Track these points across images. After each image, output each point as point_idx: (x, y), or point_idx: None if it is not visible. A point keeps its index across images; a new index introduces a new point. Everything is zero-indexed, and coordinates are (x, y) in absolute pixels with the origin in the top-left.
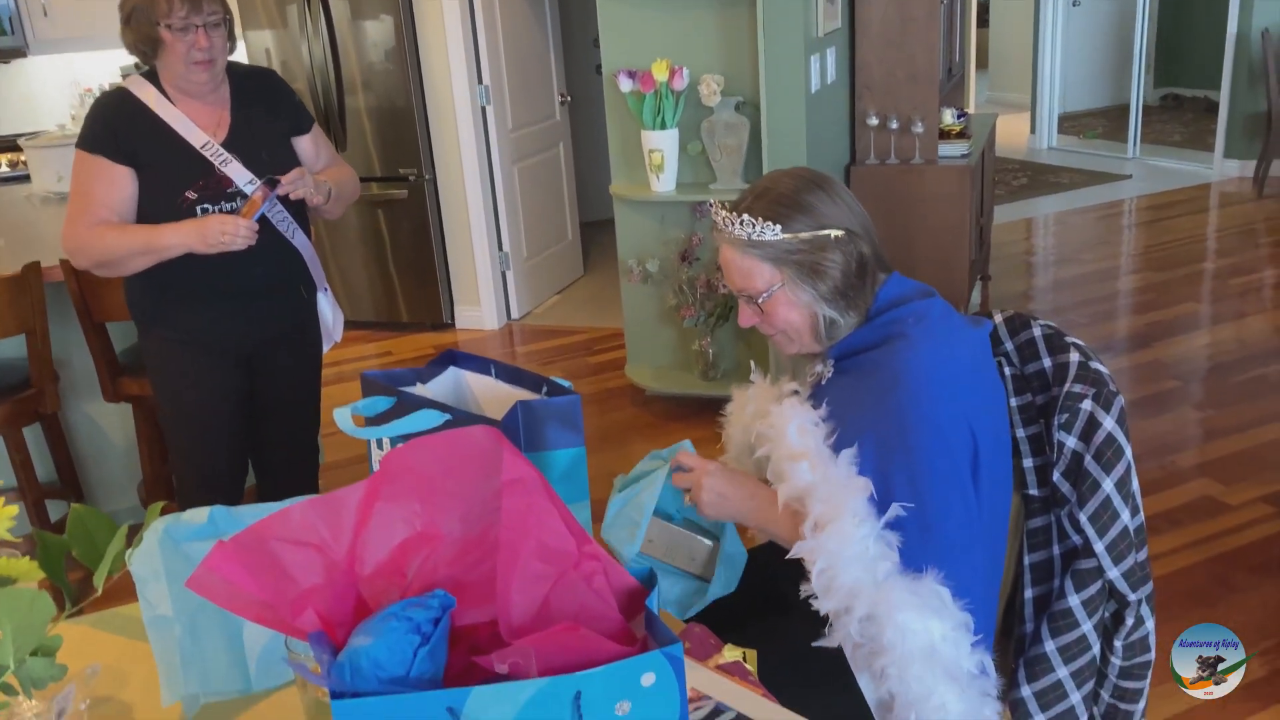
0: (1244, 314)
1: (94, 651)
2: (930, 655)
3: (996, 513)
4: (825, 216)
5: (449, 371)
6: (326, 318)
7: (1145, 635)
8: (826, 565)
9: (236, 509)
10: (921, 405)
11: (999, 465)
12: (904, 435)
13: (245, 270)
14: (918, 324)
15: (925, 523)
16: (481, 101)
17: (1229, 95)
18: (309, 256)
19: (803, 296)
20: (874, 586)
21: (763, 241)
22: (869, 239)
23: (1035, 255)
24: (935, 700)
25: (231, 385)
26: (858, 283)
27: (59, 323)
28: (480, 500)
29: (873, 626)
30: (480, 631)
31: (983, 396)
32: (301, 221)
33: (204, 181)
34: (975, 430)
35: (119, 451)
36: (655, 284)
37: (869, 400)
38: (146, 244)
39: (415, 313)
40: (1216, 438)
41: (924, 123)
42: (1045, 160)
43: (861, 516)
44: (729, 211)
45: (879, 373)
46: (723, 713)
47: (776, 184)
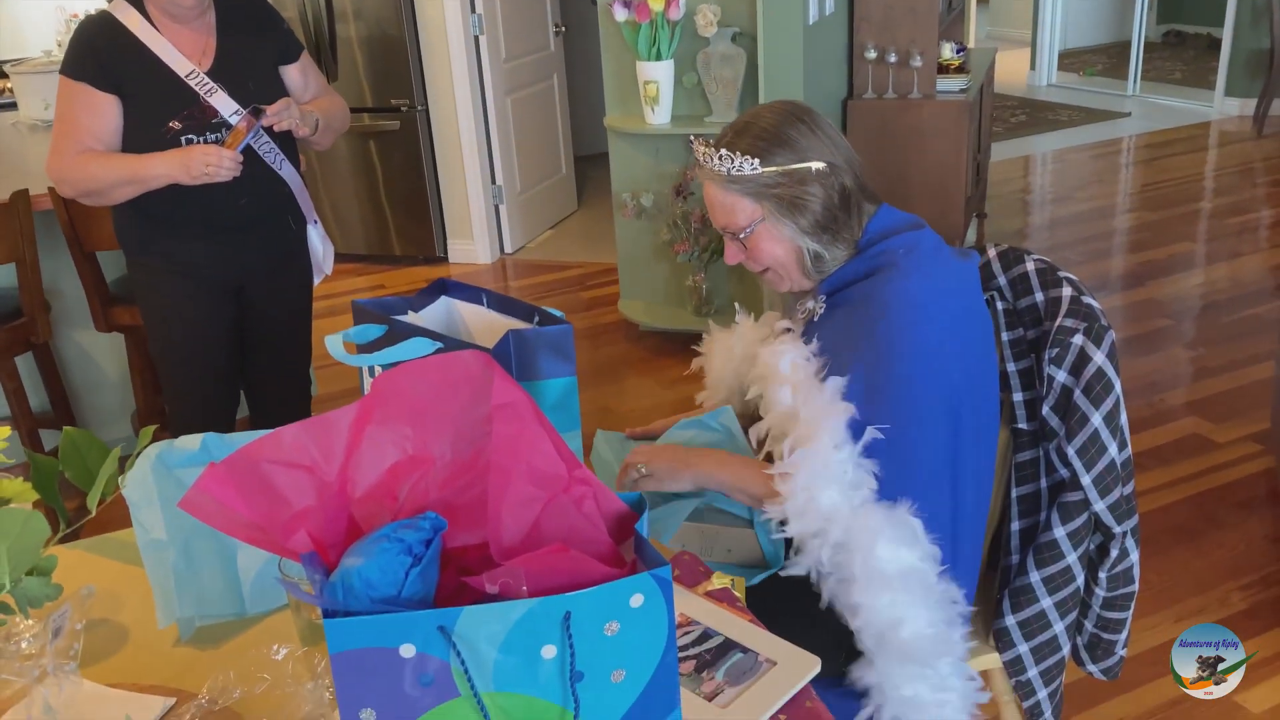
0: (1239, 253)
1: (89, 575)
2: (900, 583)
3: (982, 445)
4: (805, 150)
5: (440, 301)
6: (316, 250)
7: (1129, 567)
8: (804, 484)
9: (229, 435)
10: (907, 333)
11: (985, 398)
12: (889, 363)
13: (230, 201)
14: (908, 255)
15: (902, 451)
16: (475, 31)
17: (1232, 32)
18: (297, 188)
19: (784, 231)
20: (850, 513)
21: (742, 176)
22: (852, 171)
23: (1032, 193)
24: (906, 630)
25: (220, 315)
26: (842, 215)
27: (49, 252)
28: (470, 424)
29: (843, 554)
30: (470, 554)
31: (970, 328)
32: (289, 152)
33: (188, 111)
34: (961, 361)
35: (111, 382)
36: (649, 219)
37: (859, 330)
38: (131, 174)
39: (407, 246)
40: (1206, 376)
41: (923, 56)
42: (1044, 97)
43: (839, 440)
44: (708, 147)
45: (868, 303)
46: (711, 638)
47: (757, 118)
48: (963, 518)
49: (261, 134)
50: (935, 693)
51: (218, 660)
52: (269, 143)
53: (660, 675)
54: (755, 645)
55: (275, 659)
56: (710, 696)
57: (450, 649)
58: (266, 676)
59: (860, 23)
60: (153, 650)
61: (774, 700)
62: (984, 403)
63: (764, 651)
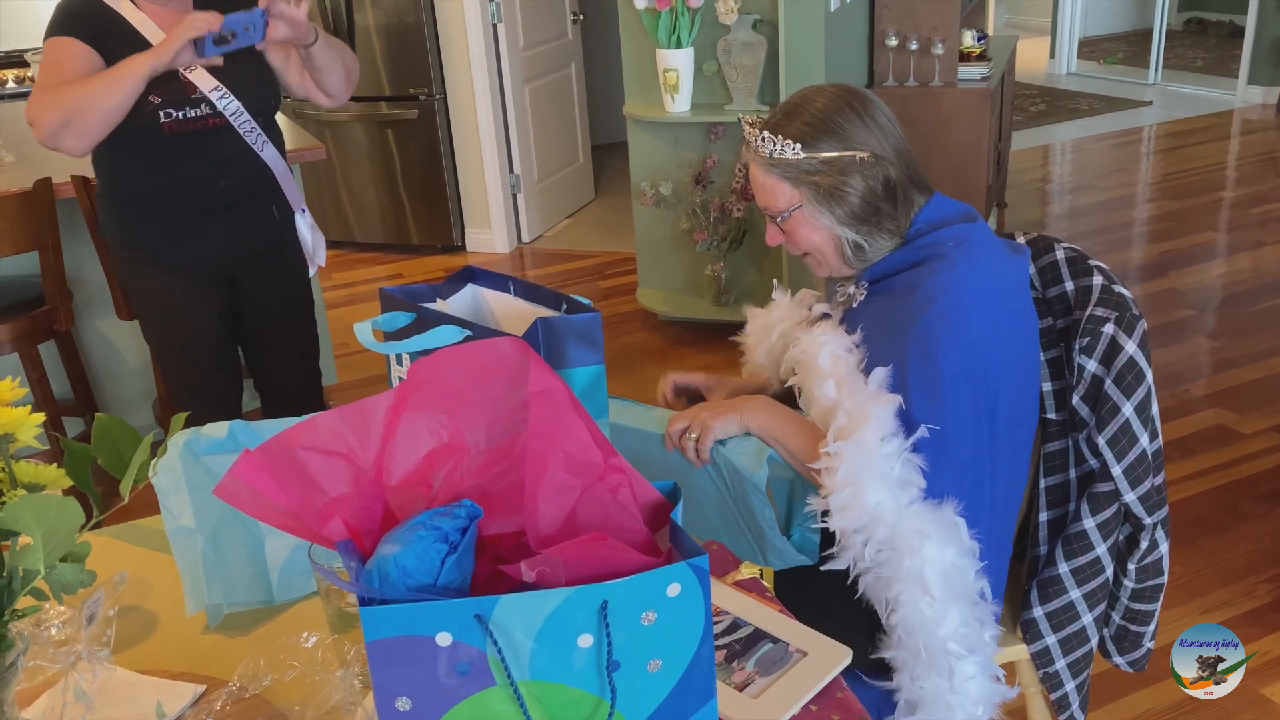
0: (1262, 243)
1: (117, 562)
2: (943, 582)
3: (1018, 442)
4: (850, 139)
5: (467, 288)
6: (306, 240)
7: (1159, 559)
8: (849, 478)
9: (256, 423)
10: (952, 326)
11: (1025, 396)
12: (932, 355)
13: (211, 182)
14: (959, 247)
15: (944, 445)
16: (493, 19)
17: (1255, 19)
18: (280, 172)
19: (822, 219)
20: (896, 512)
21: (783, 160)
22: (902, 162)
23: (1052, 182)
24: (945, 629)
25: (212, 304)
26: (887, 206)
27: (71, 240)
28: (506, 412)
29: (887, 553)
30: (505, 542)
31: (1014, 325)
32: (274, 138)
33: (168, 87)
34: (1001, 358)
35: (132, 369)
36: (668, 207)
37: (904, 318)
38: (113, 76)
39: (425, 235)
40: (1230, 367)
41: (944, 44)
42: (1064, 86)
43: (886, 430)
44: (754, 127)
45: (914, 293)
46: (740, 627)
47: (808, 102)
48: (995, 515)
49: (243, 113)
50: (958, 688)
51: (246, 647)
52: (250, 122)
53: (697, 665)
54: (785, 635)
55: (305, 646)
56: (741, 686)
57: (487, 637)
58: (296, 664)
59: (881, 10)
60: (181, 637)
61: (806, 691)
62: (1023, 400)
63: (794, 642)
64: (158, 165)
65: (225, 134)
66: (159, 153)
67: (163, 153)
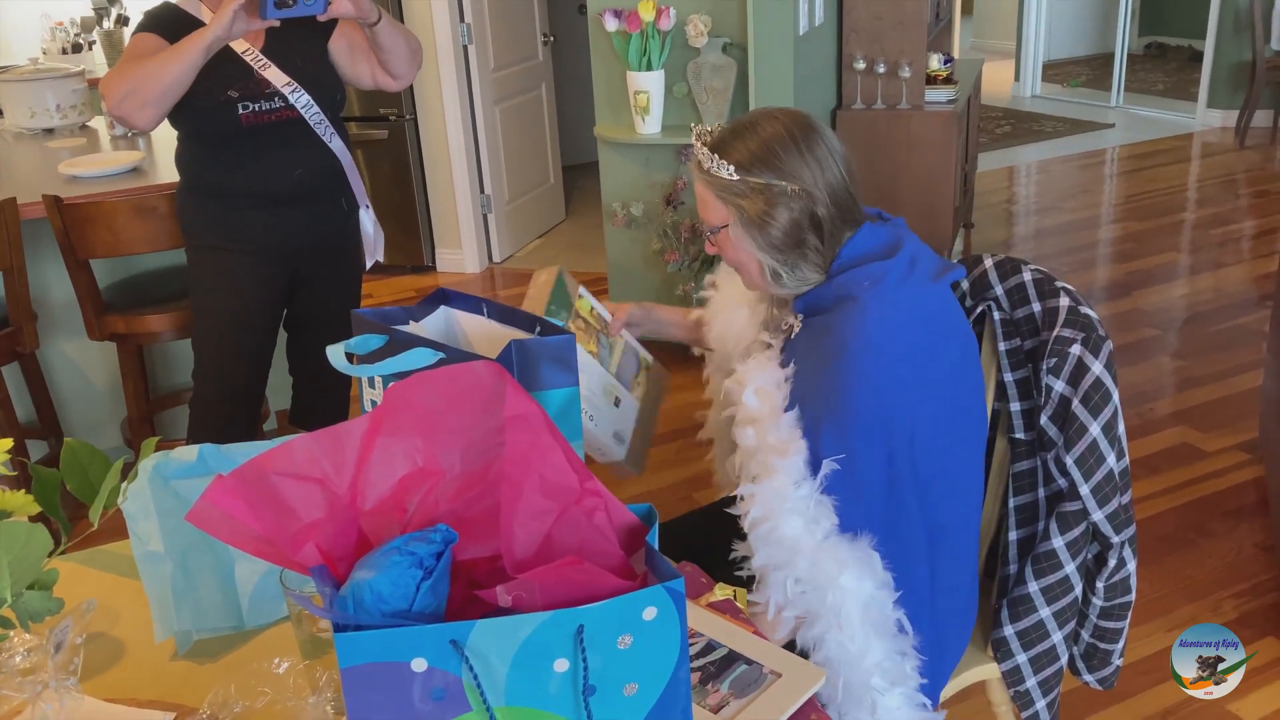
0: (1223, 264)
1: (85, 589)
2: (862, 615)
3: (969, 454)
4: (784, 171)
5: (440, 310)
6: (369, 233)
7: (1126, 576)
8: (763, 514)
9: (227, 447)
10: (863, 370)
11: (967, 408)
12: (844, 399)
13: (284, 171)
14: (872, 287)
15: (854, 482)
16: (463, 40)
17: (1214, 44)
18: (347, 164)
19: (744, 242)
20: (814, 546)
21: (717, 178)
22: (833, 201)
23: (1017, 203)
24: (867, 662)
25: (271, 288)
26: (813, 239)
27: (37, 261)
28: (481, 436)
29: (809, 589)
30: (480, 566)
31: (940, 350)
32: (340, 131)
33: (245, 83)
34: (928, 390)
35: (98, 391)
36: (639, 228)
37: (817, 364)
38: (174, 49)
39: (395, 255)
40: (1193, 386)
41: (911, 67)
42: (1029, 108)
43: (797, 477)
44: (699, 140)
45: (827, 336)
46: (715, 649)
47: (757, 126)
48: (944, 538)
49: (313, 105)
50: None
51: (216, 674)
52: (319, 114)
53: (673, 688)
54: (760, 657)
55: (276, 673)
56: (716, 708)
57: (462, 663)
58: (267, 690)
59: (849, 34)
60: (150, 664)
61: (780, 712)
62: (962, 416)
63: (768, 663)
64: (237, 158)
65: (298, 126)
66: (239, 145)
67: (242, 145)
